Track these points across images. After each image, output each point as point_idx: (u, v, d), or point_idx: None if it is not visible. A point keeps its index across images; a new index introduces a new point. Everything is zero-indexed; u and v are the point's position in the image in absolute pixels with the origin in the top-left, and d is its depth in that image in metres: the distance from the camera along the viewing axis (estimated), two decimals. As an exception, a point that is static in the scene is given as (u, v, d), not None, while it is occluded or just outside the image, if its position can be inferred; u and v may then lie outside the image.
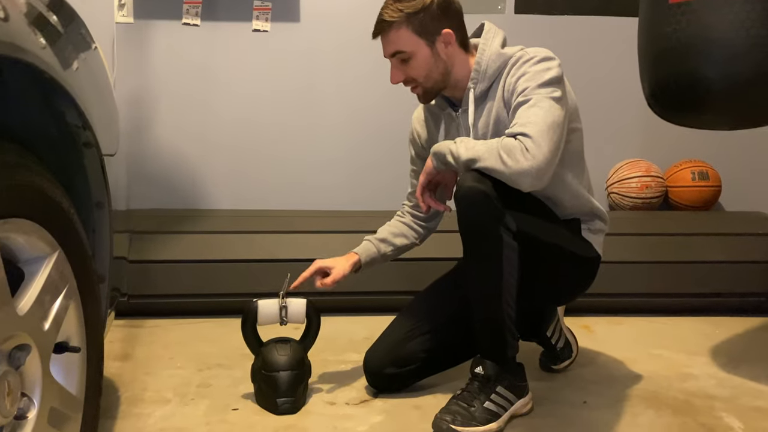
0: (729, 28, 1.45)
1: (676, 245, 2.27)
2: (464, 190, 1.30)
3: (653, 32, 1.60)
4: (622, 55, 2.56)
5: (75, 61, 1.02)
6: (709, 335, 2.06)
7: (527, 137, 1.27)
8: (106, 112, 1.12)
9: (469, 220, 1.31)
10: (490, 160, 1.29)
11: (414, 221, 1.67)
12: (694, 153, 2.64)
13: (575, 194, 1.49)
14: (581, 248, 1.51)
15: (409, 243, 1.67)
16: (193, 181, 2.56)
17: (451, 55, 1.44)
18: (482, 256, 1.32)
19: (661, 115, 1.71)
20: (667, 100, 1.64)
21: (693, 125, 1.73)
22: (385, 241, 1.64)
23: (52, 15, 0.97)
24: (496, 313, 1.34)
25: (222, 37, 2.51)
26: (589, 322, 2.16)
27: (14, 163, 0.83)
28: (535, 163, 1.25)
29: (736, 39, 1.45)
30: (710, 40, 1.47)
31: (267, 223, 2.23)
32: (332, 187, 2.60)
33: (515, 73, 1.38)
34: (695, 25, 1.49)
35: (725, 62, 1.47)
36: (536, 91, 1.33)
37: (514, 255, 1.32)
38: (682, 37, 1.51)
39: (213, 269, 2.12)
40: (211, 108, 2.54)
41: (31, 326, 0.86)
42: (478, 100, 1.45)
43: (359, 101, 2.59)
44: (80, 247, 1.00)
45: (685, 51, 1.51)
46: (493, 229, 1.29)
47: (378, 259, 1.64)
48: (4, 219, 0.81)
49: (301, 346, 1.48)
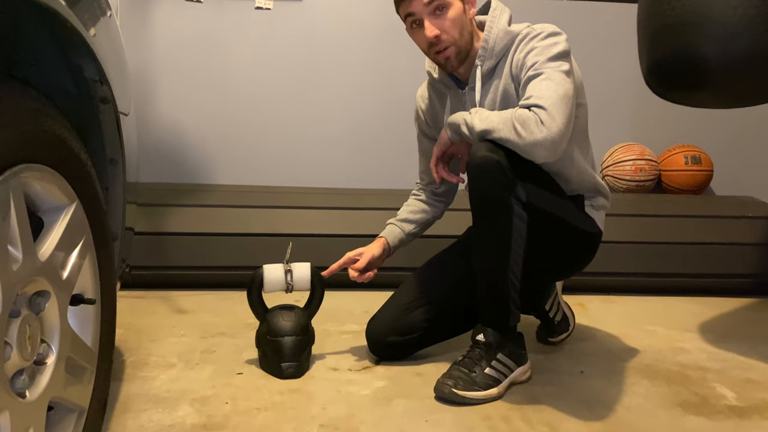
0: (727, 5, 1.47)
1: (668, 227, 2.32)
2: (477, 159, 1.31)
3: (652, 9, 1.61)
4: (620, 41, 2.60)
5: (94, 19, 1.02)
6: (699, 314, 2.11)
7: (542, 108, 1.28)
8: (121, 71, 1.13)
9: (481, 189, 1.33)
10: (505, 131, 1.30)
11: (430, 197, 1.70)
12: (688, 138, 2.69)
13: (581, 170, 1.51)
14: (585, 223, 1.53)
15: (431, 218, 1.69)
16: (196, 155, 2.56)
17: (472, 22, 1.45)
18: (492, 225, 1.34)
19: (657, 93, 1.73)
20: (664, 77, 1.66)
21: (689, 103, 1.75)
22: (406, 221, 1.67)
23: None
24: (501, 282, 1.36)
25: (225, 14, 2.51)
26: (583, 300, 2.20)
27: (36, 109, 0.84)
28: (550, 134, 1.27)
29: (734, 16, 1.46)
30: (708, 17, 1.49)
31: (268, 198, 2.24)
32: (333, 164, 2.62)
33: (523, 48, 1.39)
34: (693, 2, 1.50)
35: (723, 39, 1.49)
36: (546, 64, 1.34)
37: (523, 225, 1.34)
38: (681, 14, 1.53)
39: (215, 242, 2.13)
40: (213, 84, 2.54)
41: (50, 273, 0.88)
42: (485, 77, 1.46)
43: (360, 80, 2.61)
44: (97, 201, 1.01)
45: (682, 28, 1.53)
46: (505, 199, 1.31)
47: (405, 239, 1.67)
48: (26, 164, 0.82)
49: (305, 313, 1.50)
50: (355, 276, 1.58)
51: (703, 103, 1.75)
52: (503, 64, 1.43)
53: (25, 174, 0.82)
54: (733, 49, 1.49)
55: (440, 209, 1.71)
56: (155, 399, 1.29)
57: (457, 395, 1.33)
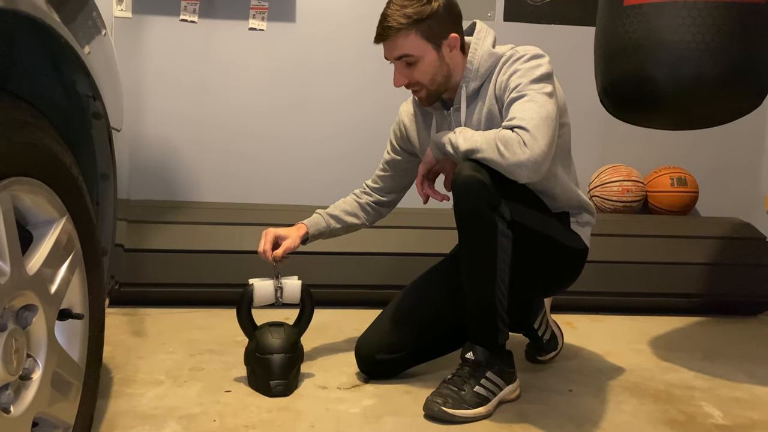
0: (676, 32, 1.53)
1: (655, 247, 2.34)
2: (461, 179, 1.33)
3: (607, 32, 1.68)
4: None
5: (88, 37, 1.04)
6: (686, 333, 2.12)
7: (524, 130, 1.30)
8: (114, 88, 1.14)
9: (465, 207, 1.34)
10: (488, 152, 1.32)
11: (369, 204, 1.70)
12: (673, 160, 2.73)
13: (565, 187, 1.53)
14: (571, 240, 1.55)
15: (359, 223, 1.70)
16: (186, 173, 2.56)
17: (454, 59, 1.46)
18: (477, 243, 1.35)
19: (611, 112, 1.80)
20: (617, 97, 1.71)
21: (639, 123, 1.81)
22: (335, 218, 1.67)
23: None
24: (488, 300, 1.36)
25: (218, 35, 2.53)
26: (571, 318, 2.21)
27: (28, 122, 0.84)
28: (533, 155, 1.29)
29: (682, 42, 1.53)
30: (658, 42, 1.55)
31: (259, 215, 2.24)
32: (325, 181, 2.63)
33: (507, 70, 1.41)
34: (645, 27, 1.56)
35: (671, 64, 1.55)
36: (529, 86, 1.36)
37: (508, 243, 1.35)
38: (633, 38, 1.58)
39: (204, 260, 2.12)
40: (206, 103, 2.56)
41: (38, 287, 0.87)
42: (470, 98, 1.48)
43: (352, 99, 2.63)
44: (87, 216, 1.01)
45: (635, 51, 1.59)
46: (489, 217, 1.32)
47: (325, 234, 1.67)
48: (17, 177, 0.82)
49: (294, 330, 1.50)
50: (269, 259, 1.57)
51: (654, 124, 1.81)
52: (487, 84, 1.46)
53: (15, 187, 0.83)
54: (681, 74, 1.55)
55: (373, 219, 1.72)
56: (142, 416, 1.28)
57: (446, 413, 1.33)
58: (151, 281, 2.10)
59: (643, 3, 1.56)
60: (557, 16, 2.69)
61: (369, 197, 1.71)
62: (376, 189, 1.71)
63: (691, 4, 1.52)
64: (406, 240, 2.24)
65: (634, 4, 1.57)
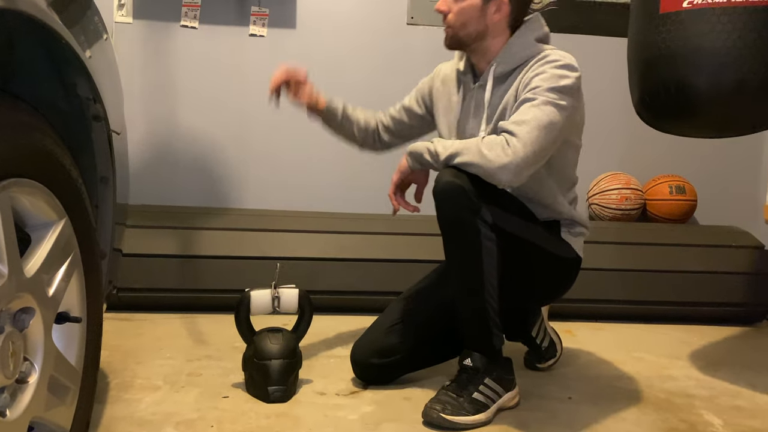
0: (715, 38, 1.51)
1: (654, 255, 2.33)
2: (441, 186, 1.33)
3: (643, 41, 1.65)
4: (605, 72, 2.65)
5: (90, 40, 1.04)
6: (686, 341, 2.11)
7: (513, 135, 1.31)
8: (114, 91, 1.14)
9: (447, 213, 1.34)
10: (470, 155, 1.32)
11: (378, 129, 1.76)
12: (672, 168, 2.73)
13: (559, 205, 1.53)
14: (560, 248, 1.53)
15: (357, 133, 1.75)
16: (185, 177, 2.56)
17: (495, 24, 1.46)
18: (462, 249, 1.35)
19: (648, 122, 1.77)
20: (655, 107, 1.69)
21: (679, 132, 1.78)
22: (349, 108, 1.74)
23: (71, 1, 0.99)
24: (479, 304, 1.36)
25: (219, 41, 2.53)
26: (571, 326, 2.20)
27: (28, 123, 0.84)
28: (515, 158, 1.28)
29: (722, 48, 1.51)
30: (697, 49, 1.53)
31: (258, 220, 2.24)
32: (325, 188, 2.62)
33: (536, 69, 1.40)
34: (683, 35, 1.54)
35: (711, 71, 1.53)
36: (545, 93, 1.35)
37: (493, 246, 1.34)
38: (671, 46, 1.56)
39: (203, 265, 2.11)
40: (205, 107, 2.55)
41: (36, 290, 0.87)
42: (498, 79, 1.47)
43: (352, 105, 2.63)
44: (86, 218, 1.01)
45: (673, 59, 1.57)
46: (471, 221, 1.32)
47: (336, 112, 1.71)
48: (16, 178, 0.82)
49: (293, 336, 1.49)
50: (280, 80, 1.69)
51: (693, 133, 1.78)
52: (517, 74, 1.44)
53: (14, 188, 0.82)
54: (722, 80, 1.53)
55: (369, 141, 1.77)
56: (139, 422, 1.27)
57: (445, 420, 1.32)
58: (149, 286, 2.09)
59: (680, 10, 1.53)
60: (554, 25, 2.68)
61: (380, 124, 1.76)
62: (384, 123, 1.75)
63: (730, 9, 1.49)
64: (406, 246, 2.24)
65: (670, 12, 1.55)
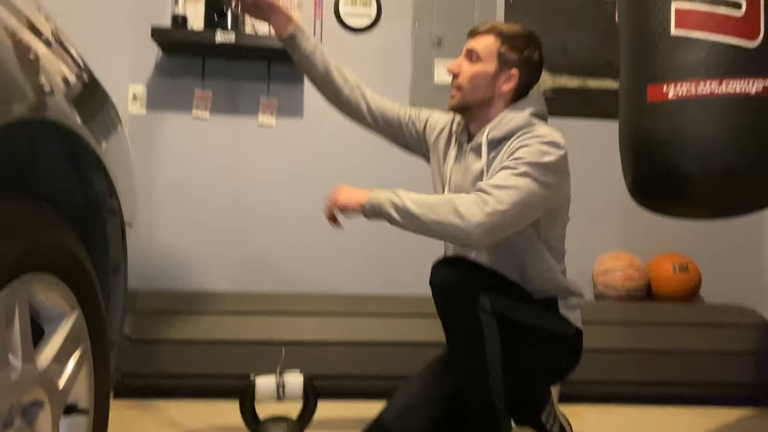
0: (701, 126, 1.57)
1: (662, 335, 2.31)
2: (437, 278, 1.34)
3: (632, 127, 1.72)
4: (603, 154, 2.72)
5: (105, 133, 1.09)
6: (696, 424, 2.06)
7: (489, 195, 1.32)
8: (128, 182, 1.19)
9: (446, 306, 1.35)
10: (443, 213, 1.30)
11: (367, 95, 1.63)
12: (675, 246, 2.75)
13: (555, 275, 1.53)
14: (560, 326, 1.53)
15: (338, 86, 1.60)
16: (189, 262, 2.58)
17: (502, 94, 1.50)
18: (463, 339, 1.35)
19: (643, 205, 1.81)
20: (647, 190, 1.73)
21: (672, 214, 1.82)
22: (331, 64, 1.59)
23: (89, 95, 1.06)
24: (484, 397, 1.35)
25: (229, 131, 2.63)
26: (579, 409, 2.16)
27: (50, 222, 0.88)
28: (493, 218, 1.29)
29: (708, 136, 1.56)
30: (685, 137, 1.59)
31: (263, 303, 2.24)
32: (334, 271, 2.64)
33: (522, 140, 1.42)
34: (670, 124, 1.61)
35: (699, 157, 1.58)
36: (526, 166, 1.37)
37: (495, 334, 1.34)
38: (660, 134, 1.63)
39: (207, 350, 2.10)
40: (214, 194, 2.61)
41: (47, 383, 0.88)
42: (491, 144, 1.48)
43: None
44: (98, 310, 1.02)
45: (662, 146, 1.62)
46: (470, 311, 1.32)
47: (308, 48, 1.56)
48: (35, 272, 0.84)
49: (298, 425, 1.47)
50: None
51: (686, 215, 1.82)
52: (505, 143, 1.46)
53: (32, 283, 0.85)
54: (710, 165, 1.57)
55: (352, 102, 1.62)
56: None
57: None
58: (152, 372, 2.07)
59: (667, 100, 1.59)
60: (551, 108, 2.77)
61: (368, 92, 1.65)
62: (380, 102, 1.66)
63: (713, 100, 1.55)
64: (414, 328, 2.23)
65: (657, 102, 1.61)
